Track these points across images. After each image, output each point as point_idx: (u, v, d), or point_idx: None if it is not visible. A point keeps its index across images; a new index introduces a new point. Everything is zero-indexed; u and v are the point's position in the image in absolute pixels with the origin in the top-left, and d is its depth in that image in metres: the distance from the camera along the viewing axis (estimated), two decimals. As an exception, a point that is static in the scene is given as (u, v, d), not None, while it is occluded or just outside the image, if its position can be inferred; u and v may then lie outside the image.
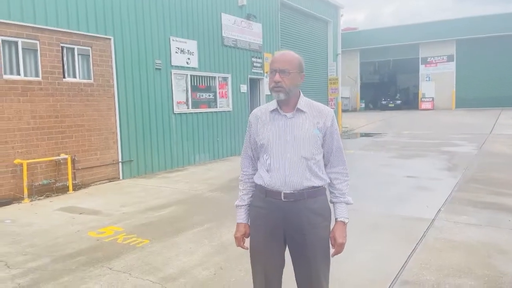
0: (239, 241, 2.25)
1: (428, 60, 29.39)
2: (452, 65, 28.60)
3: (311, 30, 16.84)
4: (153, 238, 4.67)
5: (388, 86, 36.39)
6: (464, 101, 28.01)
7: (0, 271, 3.84)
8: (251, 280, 2.21)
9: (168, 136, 9.49)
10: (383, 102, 32.40)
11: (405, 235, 4.60)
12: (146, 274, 3.70)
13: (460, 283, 3.36)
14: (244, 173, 2.28)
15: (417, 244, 4.30)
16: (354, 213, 2.15)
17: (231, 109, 11.52)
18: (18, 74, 6.65)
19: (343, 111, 22.40)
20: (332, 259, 2.19)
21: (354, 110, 32.32)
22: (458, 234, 4.56)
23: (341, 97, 22.29)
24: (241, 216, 2.26)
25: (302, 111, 2.09)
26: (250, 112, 9.78)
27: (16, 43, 6.58)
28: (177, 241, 4.56)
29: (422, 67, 29.75)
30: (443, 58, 28.83)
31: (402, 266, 3.73)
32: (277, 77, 2.02)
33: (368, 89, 34.53)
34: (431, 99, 29.33)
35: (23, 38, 6.64)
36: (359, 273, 3.62)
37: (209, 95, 10.83)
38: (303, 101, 2.12)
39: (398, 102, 31.88)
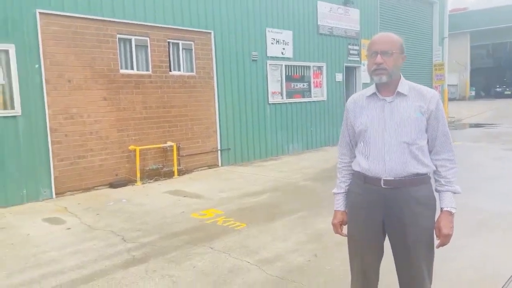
0: (336, 228, 2.23)
1: (555, 39, 25.61)
2: None
3: (413, 13, 15.75)
4: (249, 223, 4.86)
5: (504, 71, 32.54)
6: None
7: (118, 244, 4.33)
8: (347, 270, 2.19)
9: (263, 126, 9.72)
10: (498, 89, 29.16)
11: (522, 235, 4.13)
12: (244, 255, 3.87)
13: None
14: (341, 161, 2.25)
15: (537, 245, 3.83)
16: (461, 208, 1.99)
17: (325, 99, 11.37)
18: (132, 68, 7.36)
19: (450, 99, 20.63)
20: (436, 256, 2.07)
21: (463, 98, 29.60)
22: None
23: (448, 85, 20.56)
24: (339, 203, 2.24)
25: (403, 94, 1.99)
26: (345, 101, 9.43)
27: (130, 40, 7.28)
28: (272, 227, 4.68)
29: (547, 48, 26.03)
30: None
31: (518, 269, 3.36)
32: (378, 58, 1.94)
33: (479, 75, 31.32)
34: (557, 84, 25.58)
35: (135, 35, 7.32)
36: (466, 272, 3.36)
37: (303, 85, 10.81)
38: (404, 84, 2.01)
39: (516, 89, 28.41)
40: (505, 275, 3.25)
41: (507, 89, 28.62)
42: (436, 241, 2.03)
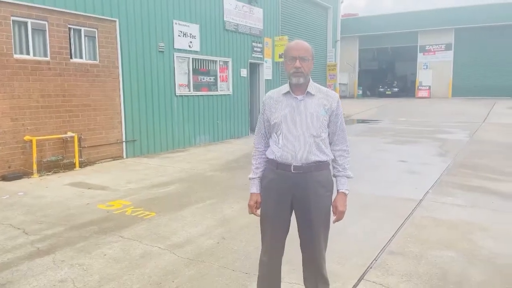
0: (251, 209, 2.54)
1: (427, 48, 29.54)
2: (450, 54, 28.77)
3: (311, 16, 16.97)
4: (159, 212, 4.99)
5: (386, 73, 36.60)
6: (460, 90, 28.29)
7: (19, 237, 4.16)
8: (251, 249, 2.50)
9: (170, 118, 9.76)
10: (381, 89, 32.64)
11: (394, 213, 4.95)
12: (155, 242, 4.03)
13: (441, 255, 3.71)
14: (257, 149, 2.57)
15: (404, 220, 4.65)
16: (348, 193, 2.48)
17: (231, 93, 11.77)
18: (28, 54, 6.87)
19: (341, 97, 22.54)
20: (330, 230, 2.51)
21: (352, 96, 32.56)
22: (443, 214, 4.92)
23: (339, 83, 22.50)
24: (254, 187, 2.55)
25: (311, 94, 2.37)
26: (249, 96, 10.01)
27: (26, 23, 6.78)
28: (182, 215, 4.89)
29: (420, 55, 29.91)
30: (441, 46, 28.98)
31: (389, 240, 4.08)
32: (297, 63, 2.28)
33: (366, 76, 34.74)
34: (428, 87, 29.59)
35: (32, 18, 6.84)
36: (351, 244, 3.97)
37: (210, 79, 11.06)
38: (313, 86, 2.39)
39: (395, 89, 32.13)
40: (379, 246, 3.92)
41: (388, 89, 32.26)
42: (333, 217, 2.47)
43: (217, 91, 11.27)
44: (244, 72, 12.26)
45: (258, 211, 2.55)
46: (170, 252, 3.79)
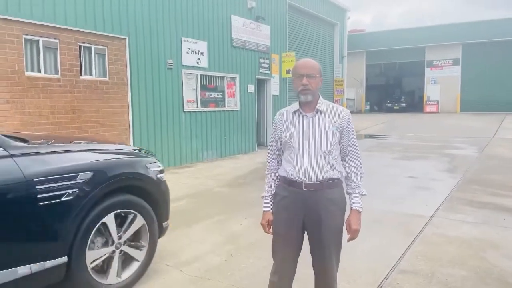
0: (264, 228, 2.52)
1: (434, 63, 29.56)
2: (458, 68, 28.75)
3: (317, 32, 17.13)
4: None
5: (394, 88, 36.61)
6: (469, 105, 28.15)
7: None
8: (259, 266, 2.47)
9: (178, 134, 9.82)
10: (388, 105, 32.61)
11: (404, 230, 4.88)
12: (162, 259, 4.01)
13: (453, 273, 3.64)
14: (269, 168, 2.57)
15: (414, 238, 4.58)
16: (362, 211, 2.45)
17: (238, 109, 11.83)
18: (39, 71, 6.99)
19: (348, 112, 22.48)
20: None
21: (359, 112, 32.53)
22: (454, 230, 4.84)
23: (346, 99, 22.53)
24: (267, 206, 2.54)
25: (321, 111, 2.37)
26: (256, 112, 10.03)
27: (37, 41, 6.92)
28: (190, 231, 4.87)
29: (427, 70, 29.92)
30: (448, 61, 28.99)
31: (400, 257, 4.02)
32: (305, 80, 2.30)
33: (373, 91, 34.75)
34: (436, 102, 29.50)
35: (43, 37, 6.98)
36: (361, 262, 3.91)
37: (218, 95, 11.14)
38: (322, 103, 2.39)
39: (403, 104, 32.08)
40: (390, 264, 3.86)
41: (396, 104, 32.23)
42: (346, 236, 2.43)
43: (224, 107, 11.34)
44: (251, 88, 12.35)
45: (271, 229, 2.52)
46: (177, 269, 3.77)
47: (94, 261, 3.05)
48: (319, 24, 17.22)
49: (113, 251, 3.22)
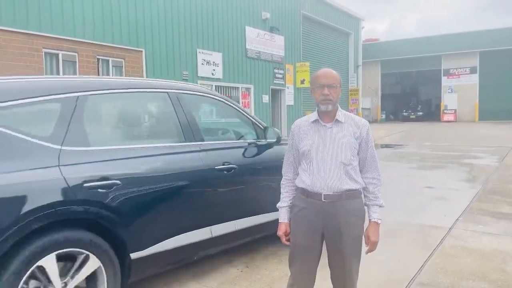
0: (282, 238, 2.50)
1: (451, 71, 29.21)
2: (475, 77, 28.34)
3: (332, 42, 17.14)
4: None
5: (410, 97, 36.23)
6: (487, 114, 27.65)
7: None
8: (274, 276, 2.44)
9: (193, 144, 9.87)
10: (404, 114, 32.27)
11: (423, 241, 4.79)
12: (177, 269, 4.00)
13: (474, 286, 3.54)
14: (285, 178, 2.55)
15: (434, 250, 4.48)
16: (380, 223, 2.41)
17: (253, 119, 11.86)
18: (58, 84, 7.16)
19: (364, 122, 22.29)
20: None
21: (375, 121, 32.27)
22: (474, 242, 4.72)
23: (362, 108, 22.42)
24: (283, 216, 2.51)
25: (340, 121, 2.35)
26: (271, 122, 9.99)
27: (57, 55, 7.10)
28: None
29: (444, 79, 29.58)
30: (465, 70, 28.62)
31: (419, 269, 3.93)
32: (326, 91, 2.31)
33: (389, 100, 34.46)
34: (453, 111, 29.07)
35: (63, 50, 7.16)
36: (378, 273, 3.84)
37: (233, 105, 11.20)
38: (341, 113, 2.39)
39: (420, 113, 31.70)
40: (408, 276, 3.79)
41: (412, 113, 31.86)
42: (365, 248, 2.40)
43: (239, 117, 11.37)
44: (266, 98, 12.39)
45: (288, 240, 2.50)
46: (195, 280, 3.76)
47: None
48: (333, 33, 17.25)
49: None
